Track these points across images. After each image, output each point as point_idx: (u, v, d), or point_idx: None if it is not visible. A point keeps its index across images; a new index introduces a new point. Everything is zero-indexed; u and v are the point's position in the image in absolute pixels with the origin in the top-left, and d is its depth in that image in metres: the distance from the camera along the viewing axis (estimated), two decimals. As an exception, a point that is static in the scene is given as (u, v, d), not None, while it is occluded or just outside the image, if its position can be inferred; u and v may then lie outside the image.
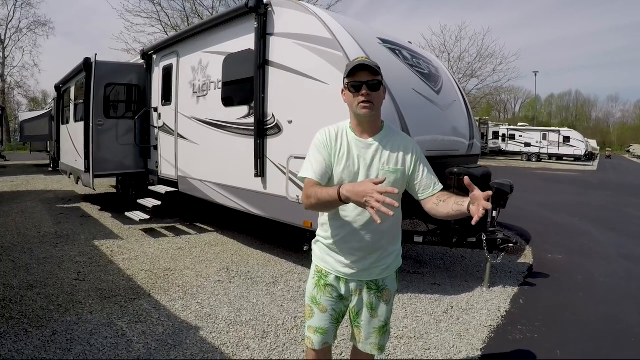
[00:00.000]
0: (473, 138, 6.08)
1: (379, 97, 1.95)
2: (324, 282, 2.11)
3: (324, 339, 2.12)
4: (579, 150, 35.09)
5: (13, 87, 43.59)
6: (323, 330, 2.12)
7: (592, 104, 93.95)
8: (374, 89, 1.92)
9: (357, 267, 2.04)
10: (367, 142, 1.99)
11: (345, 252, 2.04)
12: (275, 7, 5.01)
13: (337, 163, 1.97)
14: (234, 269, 5.13)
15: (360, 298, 2.10)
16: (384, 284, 2.11)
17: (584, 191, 14.62)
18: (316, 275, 2.15)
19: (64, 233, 6.66)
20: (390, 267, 2.11)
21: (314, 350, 2.15)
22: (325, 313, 2.11)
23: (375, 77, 1.92)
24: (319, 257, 2.16)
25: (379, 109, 1.98)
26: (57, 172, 14.44)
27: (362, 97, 1.89)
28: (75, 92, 9.16)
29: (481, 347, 3.39)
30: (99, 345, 3.21)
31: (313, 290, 2.14)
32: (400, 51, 5.39)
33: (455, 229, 4.72)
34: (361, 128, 2.00)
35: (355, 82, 1.92)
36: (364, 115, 1.93)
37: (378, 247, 2.03)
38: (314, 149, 2.02)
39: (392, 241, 2.11)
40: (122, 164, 8.13)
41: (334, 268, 2.08)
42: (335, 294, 2.10)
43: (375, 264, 2.05)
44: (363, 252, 2.02)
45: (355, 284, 2.08)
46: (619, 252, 6.42)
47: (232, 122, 5.65)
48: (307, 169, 1.99)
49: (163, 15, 24.99)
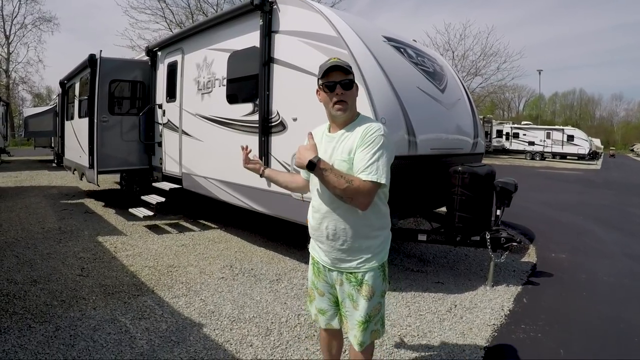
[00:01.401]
0: (477, 136, 6.07)
1: (352, 96, 2.07)
2: (316, 269, 2.29)
3: (326, 320, 2.33)
4: (582, 149, 34.93)
5: (18, 83, 43.76)
6: (324, 311, 2.32)
7: (596, 103, 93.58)
8: (347, 87, 2.04)
9: (329, 256, 2.16)
10: (333, 135, 2.12)
11: (318, 240, 2.19)
12: (281, 5, 5.00)
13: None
14: (238, 266, 5.14)
15: (342, 288, 2.18)
16: (363, 277, 2.10)
17: (587, 190, 14.56)
18: (312, 261, 2.33)
19: (67, 229, 6.68)
20: (369, 261, 2.10)
21: (322, 330, 2.43)
22: (324, 296, 2.30)
23: (347, 76, 2.04)
24: (311, 245, 2.32)
25: (352, 107, 2.09)
26: (61, 167, 14.48)
27: (336, 98, 2.02)
28: (80, 88, 9.18)
29: (484, 346, 3.38)
30: (102, 341, 3.22)
31: (312, 276, 2.34)
32: (405, 49, 5.37)
33: (459, 228, 4.71)
34: (335, 124, 2.14)
35: (329, 82, 2.04)
36: (338, 116, 2.06)
37: (343, 235, 2.08)
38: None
39: (364, 234, 2.09)
40: (126, 161, 8.14)
41: (319, 256, 2.24)
42: (327, 280, 2.25)
43: (347, 255, 2.10)
44: (330, 241, 2.12)
45: (336, 273, 2.18)
46: (623, 252, 6.40)
47: (237, 119, 5.65)
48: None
49: (168, 12, 25.11)
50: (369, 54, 4.47)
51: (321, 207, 2.12)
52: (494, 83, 37.15)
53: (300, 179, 2.39)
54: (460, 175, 4.64)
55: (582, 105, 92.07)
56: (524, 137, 37.22)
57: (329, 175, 1.92)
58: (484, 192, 4.76)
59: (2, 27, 40.86)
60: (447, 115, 5.45)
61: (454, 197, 4.68)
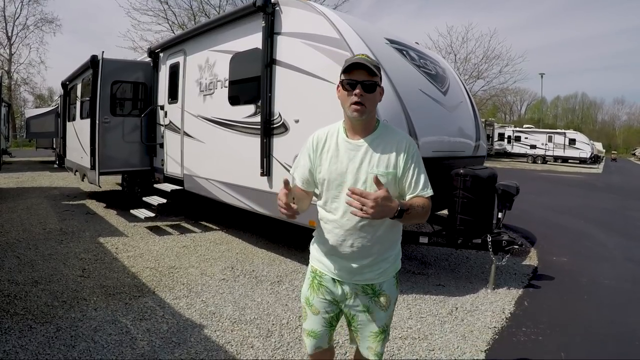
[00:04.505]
0: (479, 139, 6.07)
1: (373, 100, 1.87)
2: (318, 282, 2.04)
3: (316, 343, 2.09)
4: (584, 153, 34.90)
5: (19, 84, 43.78)
6: (315, 334, 2.07)
7: (598, 107, 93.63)
8: (369, 90, 1.83)
9: (349, 270, 1.96)
10: (357, 143, 1.90)
11: (337, 255, 1.96)
12: (283, 7, 5.01)
13: (322, 164, 1.94)
14: (239, 267, 5.13)
15: (357, 301, 2.00)
16: (381, 288, 2.00)
17: (589, 194, 14.54)
18: (311, 275, 2.09)
19: (69, 230, 6.69)
20: (387, 272, 2.01)
21: (309, 355, 2.13)
22: (318, 315, 2.05)
23: (373, 77, 1.84)
24: (315, 257, 2.09)
25: (372, 111, 1.89)
26: (62, 168, 14.52)
27: (355, 98, 1.81)
28: (82, 90, 9.19)
29: (485, 349, 3.38)
30: (103, 342, 3.22)
31: (307, 291, 2.09)
32: (407, 52, 5.38)
33: (461, 230, 4.71)
34: (353, 129, 1.92)
35: (350, 80, 1.83)
36: (354, 118, 1.86)
37: (370, 253, 1.93)
38: (301, 153, 2.03)
39: (388, 246, 2.00)
40: (128, 162, 8.14)
41: (329, 269, 2.01)
42: (329, 296, 2.02)
43: (369, 269, 1.96)
44: (354, 257, 1.93)
45: (350, 286, 1.99)
46: (624, 255, 6.38)
47: (239, 121, 5.65)
48: (295, 173, 2.05)
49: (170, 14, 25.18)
50: (371, 56, 4.46)
51: (346, 224, 1.90)
52: (496, 86, 37.34)
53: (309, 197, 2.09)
54: (462, 178, 4.64)
55: (584, 109, 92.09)
56: (525, 141, 37.23)
57: (412, 214, 1.79)
58: (486, 195, 4.76)
59: (4, 28, 40.92)
60: (449, 118, 5.46)
61: (456, 199, 4.68)
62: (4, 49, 41.35)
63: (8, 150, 20.20)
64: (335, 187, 1.91)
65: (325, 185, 1.94)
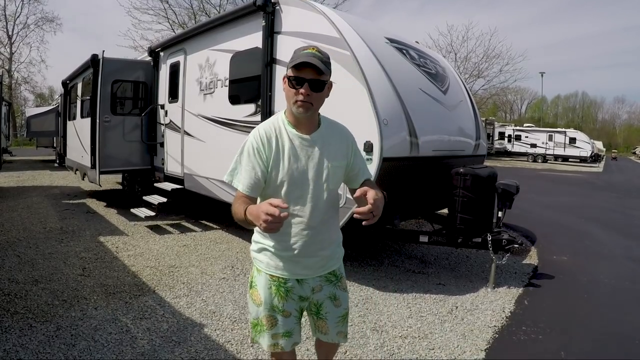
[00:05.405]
0: (479, 138, 6.06)
1: (320, 99, 1.82)
2: (284, 289, 1.97)
3: (292, 340, 2.06)
4: (584, 152, 34.86)
5: (20, 83, 43.76)
6: (289, 333, 2.04)
7: (599, 106, 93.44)
8: (317, 89, 1.78)
9: (315, 266, 1.98)
10: (311, 139, 1.88)
11: (304, 255, 1.93)
12: (283, 6, 5.01)
13: (279, 165, 1.85)
14: (239, 266, 5.14)
15: (321, 293, 2.04)
16: (340, 271, 2.11)
17: (589, 193, 14.53)
18: (272, 285, 1.98)
19: (69, 229, 6.69)
20: (340, 254, 2.13)
21: (284, 353, 2.08)
22: (290, 317, 2.02)
23: (321, 76, 1.77)
24: (270, 265, 1.97)
25: (318, 108, 1.86)
26: (63, 167, 14.52)
27: (301, 97, 1.75)
28: (82, 89, 9.20)
29: (485, 348, 3.38)
30: (103, 341, 3.23)
31: (273, 300, 1.98)
32: (408, 51, 5.37)
33: (461, 229, 4.71)
34: (300, 123, 1.87)
35: (297, 78, 1.76)
36: (299, 114, 1.81)
37: (330, 242, 2.03)
38: (245, 156, 1.89)
39: (336, 229, 2.10)
40: (128, 161, 8.15)
41: (292, 273, 1.96)
42: (297, 296, 2.01)
43: (330, 257, 2.04)
44: (319, 251, 1.96)
45: (315, 280, 2.01)
46: (625, 254, 6.38)
47: (239, 120, 5.66)
48: (236, 179, 1.92)
49: (170, 13, 25.20)
50: (372, 56, 4.47)
51: (313, 221, 1.90)
52: (496, 85, 37.35)
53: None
54: (462, 177, 4.64)
55: (585, 107, 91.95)
56: (526, 140, 37.19)
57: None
58: (486, 194, 4.76)
59: (4, 27, 40.87)
60: (449, 117, 5.46)
61: (456, 198, 4.68)
62: (5, 48, 41.36)
63: (9, 149, 20.21)
64: (299, 186, 1.87)
65: (285, 187, 1.86)
